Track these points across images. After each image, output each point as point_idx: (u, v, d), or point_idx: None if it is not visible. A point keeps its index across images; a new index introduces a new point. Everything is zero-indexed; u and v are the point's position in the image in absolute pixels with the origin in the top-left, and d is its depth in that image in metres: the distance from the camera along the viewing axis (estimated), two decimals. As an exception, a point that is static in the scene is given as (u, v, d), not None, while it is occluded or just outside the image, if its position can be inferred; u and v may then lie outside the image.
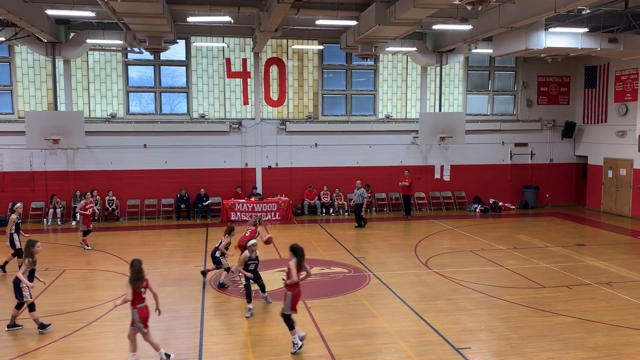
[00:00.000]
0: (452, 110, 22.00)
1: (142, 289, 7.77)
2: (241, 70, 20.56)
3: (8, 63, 19.22)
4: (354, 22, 16.72)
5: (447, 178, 21.96)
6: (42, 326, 9.04)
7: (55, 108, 18.82)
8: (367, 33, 15.74)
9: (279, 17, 14.46)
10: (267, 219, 19.57)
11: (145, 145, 19.83)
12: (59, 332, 8.95)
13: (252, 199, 19.81)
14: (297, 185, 20.94)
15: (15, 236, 12.41)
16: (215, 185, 20.30)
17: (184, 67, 20.37)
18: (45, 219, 18.79)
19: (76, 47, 18.31)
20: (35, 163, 19.17)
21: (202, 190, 19.86)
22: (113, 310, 9.97)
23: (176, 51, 19.82)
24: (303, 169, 21.00)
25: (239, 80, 20.64)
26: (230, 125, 20.36)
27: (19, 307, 9.15)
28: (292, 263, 8.49)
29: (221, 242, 11.88)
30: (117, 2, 10.53)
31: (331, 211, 20.79)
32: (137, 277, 7.77)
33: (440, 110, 21.35)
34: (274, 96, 20.95)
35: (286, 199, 20.09)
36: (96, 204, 19.16)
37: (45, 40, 17.76)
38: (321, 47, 20.85)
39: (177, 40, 18.75)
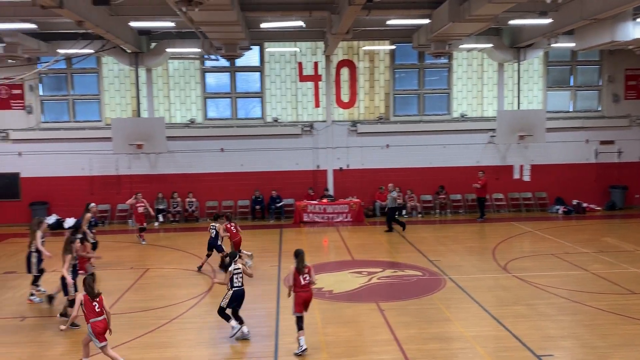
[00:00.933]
0: (531, 108, 21.11)
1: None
2: (313, 74, 20.79)
3: (96, 74, 20.51)
4: (426, 21, 16.44)
5: (527, 178, 21.06)
6: (73, 324, 8.92)
7: (139, 115, 19.86)
8: (441, 31, 15.43)
9: (350, 19, 14.48)
10: (338, 220, 19.64)
11: (222, 149, 20.49)
12: (143, 328, 9.41)
13: (324, 200, 19.95)
14: (369, 187, 20.86)
15: (88, 232, 13.39)
16: (288, 187, 20.63)
17: (258, 73, 20.87)
18: (130, 220, 19.84)
19: (157, 56, 19.23)
20: (121, 167, 20.31)
21: (274, 192, 20.25)
22: (194, 308, 10.41)
23: (250, 57, 20.35)
24: (374, 170, 20.88)
25: (310, 84, 20.88)
26: (302, 128, 20.63)
27: (71, 304, 9.46)
28: (293, 267, 8.68)
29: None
30: (195, 11, 10.95)
31: (403, 213, 20.54)
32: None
33: (518, 107, 20.54)
34: (345, 98, 21.00)
35: (357, 200, 20.07)
36: (176, 206, 20.13)
37: (129, 51, 18.77)
38: (392, 47, 20.68)
39: (251, 47, 19.24)
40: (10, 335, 9.30)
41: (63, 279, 9.63)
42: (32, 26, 15.18)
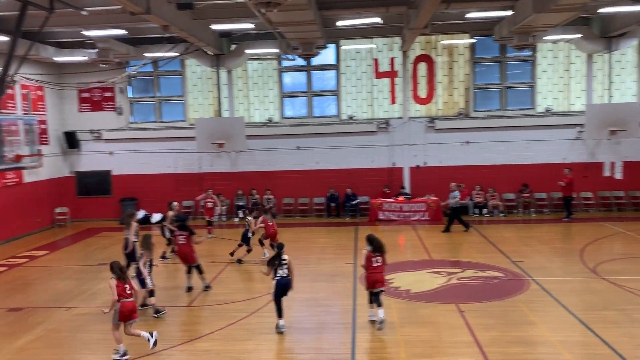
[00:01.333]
0: (624, 101, 19.73)
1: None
2: (389, 70, 20.58)
3: (180, 76, 21.43)
4: (508, 12, 15.80)
5: (618, 176, 19.67)
6: (157, 311, 10.01)
7: (220, 115, 20.56)
8: (524, 22, 14.77)
9: (429, 13, 14.19)
10: (415, 219, 19.34)
11: (298, 147, 20.78)
12: (224, 320, 9.73)
13: (400, 198, 19.72)
14: (447, 185, 20.29)
15: (166, 230, 14.25)
16: (363, 185, 20.57)
17: (334, 71, 20.96)
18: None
19: (237, 57, 19.80)
20: (203, 165, 21.12)
21: (349, 189, 20.26)
22: (272, 303, 10.61)
23: (326, 55, 20.46)
24: (453, 167, 20.37)
25: (386, 80, 20.69)
26: (378, 125, 20.49)
27: (151, 294, 10.15)
28: (365, 251, 9.46)
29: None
30: (273, 12, 11.17)
31: (484, 212, 19.89)
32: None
33: (609, 101, 19.28)
34: (422, 94, 20.63)
35: (435, 198, 19.66)
36: (256, 203, 20.66)
37: (211, 53, 19.46)
38: (472, 40, 20.07)
39: (327, 45, 19.35)
40: (105, 323, 9.89)
41: (139, 273, 10.05)
42: (123, 32, 16.11)
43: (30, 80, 18.72)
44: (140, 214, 20.45)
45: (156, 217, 20.27)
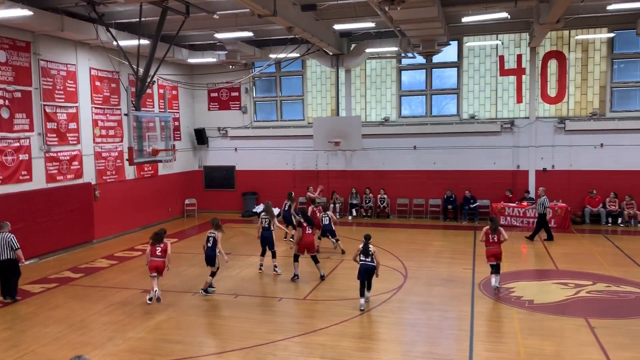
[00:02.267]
0: None
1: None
2: (515, 67, 19.52)
3: (301, 76, 22.04)
4: (656, 2, 14.29)
5: None
6: (206, 291, 11.25)
7: (337, 114, 20.82)
8: (675, 12, 13.25)
9: (563, 7, 13.23)
10: (540, 225, 18.15)
11: (415, 146, 20.44)
12: (339, 317, 9.82)
13: (524, 203, 18.62)
14: (577, 190, 18.90)
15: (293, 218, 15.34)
16: (484, 188, 19.72)
17: (455, 69, 20.33)
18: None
19: (356, 57, 19.92)
20: (320, 163, 21.55)
21: (468, 192, 19.52)
22: (386, 303, 10.54)
23: (447, 53, 19.89)
24: (584, 172, 18.83)
25: (512, 78, 19.64)
26: (502, 125, 19.52)
27: (213, 275, 11.30)
28: (485, 228, 11.29)
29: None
30: (396, 10, 11.06)
31: (619, 221, 18.18)
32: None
33: None
34: (552, 92, 19.30)
35: (563, 205, 18.31)
36: (368, 202, 20.67)
37: (331, 53, 19.77)
38: (611, 34, 18.39)
39: (450, 42, 18.79)
40: (226, 310, 10.47)
41: (212, 253, 11.23)
42: (249, 34, 16.91)
43: (167, 81, 20.34)
44: (259, 208, 21.42)
45: (275, 211, 21.04)
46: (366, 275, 10.28)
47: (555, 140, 19.12)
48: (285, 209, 16.28)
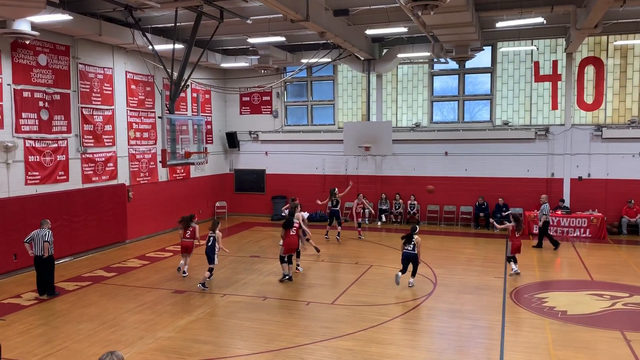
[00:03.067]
0: None
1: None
2: (551, 73, 19.15)
3: (332, 81, 22.08)
4: (700, 6, 13.83)
5: None
6: (204, 285, 11.92)
7: (368, 119, 20.77)
8: None
9: (601, 12, 12.93)
10: (575, 235, 17.74)
11: (446, 152, 20.22)
12: (366, 322, 9.76)
13: (558, 212, 18.20)
14: (614, 200, 18.37)
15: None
16: (516, 195, 19.36)
17: (488, 74, 20.06)
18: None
19: (388, 62, 19.85)
20: (349, 168, 21.52)
21: (501, 199, 19.19)
22: (415, 310, 10.44)
23: (481, 58, 19.65)
24: (622, 181, 18.31)
25: (547, 84, 19.27)
26: (536, 132, 19.15)
27: (210, 271, 12.10)
28: (510, 225, 13.02)
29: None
30: (430, 15, 10.98)
31: (658, 232, 17.62)
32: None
33: None
34: (589, 99, 18.85)
35: (599, 214, 17.83)
36: (398, 207, 20.53)
37: (362, 58, 19.76)
38: (652, 40, 17.89)
39: (484, 48, 18.57)
40: (254, 312, 10.52)
41: (210, 251, 12.14)
42: (282, 39, 17.04)
43: (200, 85, 20.65)
44: (305, 214, 21.47)
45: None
46: (406, 260, 11.88)
47: (592, 148, 18.64)
48: (209, 242, 14.55)
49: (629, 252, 15.77)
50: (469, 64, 19.66)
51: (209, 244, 12.18)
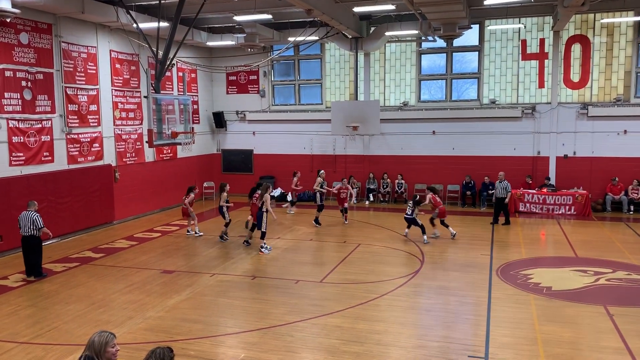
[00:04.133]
0: None
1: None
2: (538, 52, 19.18)
3: (319, 59, 21.91)
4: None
5: None
6: (222, 237, 14.33)
7: (356, 98, 20.69)
8: None
9: (588, -12, 12.94)
10: (560, 212, 17.97)
11: (434, 131, 20.27)
12: (354, 299, 9.86)
13: (544, 190, 18.41)
14: (599, 178, 18.61)
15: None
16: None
17: (476, 52, 20.03)
18: (344, 198, 20.90)
19: (375, 40, 19.72)
20: (337, 147, 21.50)
21: (487, 178, 19.33)
22: (403, 287, 10.56)
23: (468, 37, 19.58)
24: (607, 159, 18.54)
25: (534, 63, 19.31)
26: (523, 111, 19.24)
27: (227, 225, 14.59)
28: (430, 195, 14.82)
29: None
30: (417, -9, 10.92)
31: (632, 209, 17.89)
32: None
33: None
34: (575, 77, 18.95)
35: (584, 192, 18.07)
36: (386, 187, 20.61)
37: (350, 36, 19.61)
38: (638, 18, 17.93)
39: (471, 26, 18.49)
40: (243, 291, 10.58)
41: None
42: (268, 17, 16.82)
43: (186, 63, 20.39)
44: (276, 192, 21.50)
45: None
46: (407, 221, 14.53)
47: (578, 126, 18.81)
48: (220, 204, 15.10)
49: (613, 229, 16.03)
50: (457, 42, 19.63)
51: (221, 202, 14.91)
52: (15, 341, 8.20)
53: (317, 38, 18.93)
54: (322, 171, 17.59)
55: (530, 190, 18.54)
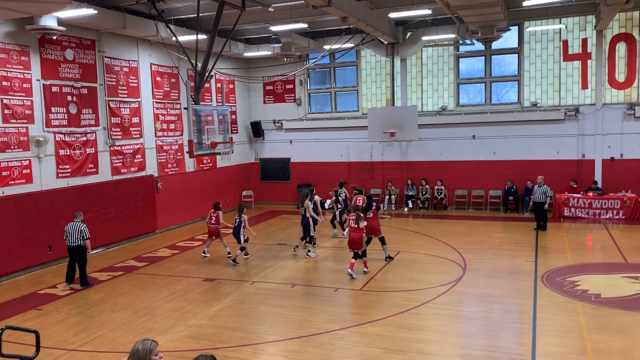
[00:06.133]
0: None
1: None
2: (580, 52, 18.62)
3: (355, 66, 21.90)
4: None
5: None
6: (234, 261, 13.16)
7: (393, 104, 20.56)
8: None
9: (632, -16, 12.50)
10: (607, 217, 17.33)
11: (473, 136, 19.91)
12: (395, 308, 9.73)
13: (590, 194, 17.80)
14: (649, 180, 17.87)
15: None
16: (547, 178, 18.82)
17: (515, 55, 19.61)
18: (382, 204, 20.72)
19: (412, 45, 19.58)
20: (374, 154, 21.39)
21: (529, 182, 18.82)
22: (445, 295, 10.37)
23: (507, 39, 19.19)
24: (657, 161, 17.80)
25: (577, 63, 18.75)
26: (566, 113, 18.69)
27: (241, 250, 13.35)
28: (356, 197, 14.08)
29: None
30: (453, -5, 10.79)
31: (695, 213, 17.08)
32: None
33: None
34: (620, 77, 18.29)
35: (633, 195, 17.37)
36: (425, 193, 20.35)
37: (386, 42, 19.52)
38: (687, 13, 17.23)
39: (510, 28, 18.14)
40: (283, 299, 10.59)
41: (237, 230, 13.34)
42: (304, 26, 16.92)
43: (224, 75, 20.72)
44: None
45: (328, 203, 21.09)
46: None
47: (624, 127, 18.13)
48: (235, 224, 13.60)
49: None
50: (495, 45, 19.27)
51: (235, 224, 13.36)
52: (64, 348, 8.44)
53: (352, 45, 18.91)
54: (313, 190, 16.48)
55: (575, 195, 17.96)
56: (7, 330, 5.99)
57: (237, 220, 13.35)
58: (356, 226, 11.73)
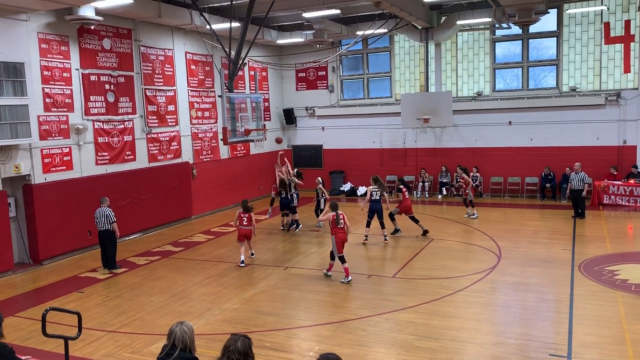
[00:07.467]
0: None
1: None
2: (622, 34, 17.95)
3: (388, 52, 21.67)
4: None
5: None
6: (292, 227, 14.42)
7: (427, 90, 20.29)
8: None
9: (680, -38, 11.94)
10: (649, 205, 16.82)
11: (510, 122, 19.51)
12: (428, 295, 9.70)
13: (631, 181, 17.26)
14: (694, 167, 17.21)
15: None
16: (585, 165, 18.33)
17: (554, 38, 19.06)
18: (415, 192, 20.59)
19: (447, 29, 19.22)
20: (408, 140, 21.20)
21: (568, 169, 18.35)
22: (479, 283, 10.27)
23: (546, 22, 18.65)
24: None
25: (619, 46, 18.10)
26: (607, 98, 18.11)
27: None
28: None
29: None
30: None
31: None
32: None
33: None
34: (666, 60, 17.61)
35: (677, 182, 16.80)
36: (459, 180, 20.03)
37: (420, 27, 19.24)
38: None
39: (549, 10, 17.60)
40: (316, 284, 10.68)
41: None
42: (336, 12, 16.80)
43: (257, 62, 20.80)
44: (346, 187, 21.57)
45: (361, 190, 21.07)
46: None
47: (670, 112, 17.48)
48: (282, 195, 15.77)
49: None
50: (533, 29, 18.76)
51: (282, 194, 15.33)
52: (104, 329, 8.73)
53: (386, 30, 18.72)
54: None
55: (615, 182, 17.45)
56: (51, 311, 6.23)
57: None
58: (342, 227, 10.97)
